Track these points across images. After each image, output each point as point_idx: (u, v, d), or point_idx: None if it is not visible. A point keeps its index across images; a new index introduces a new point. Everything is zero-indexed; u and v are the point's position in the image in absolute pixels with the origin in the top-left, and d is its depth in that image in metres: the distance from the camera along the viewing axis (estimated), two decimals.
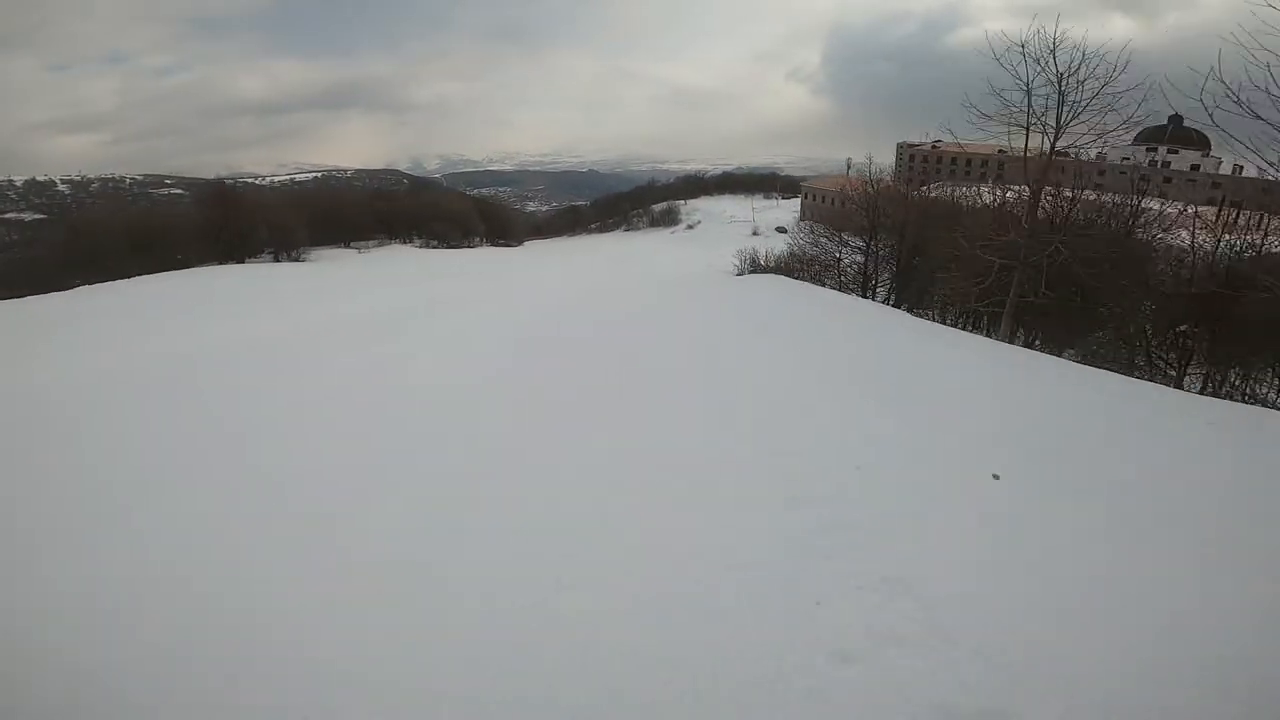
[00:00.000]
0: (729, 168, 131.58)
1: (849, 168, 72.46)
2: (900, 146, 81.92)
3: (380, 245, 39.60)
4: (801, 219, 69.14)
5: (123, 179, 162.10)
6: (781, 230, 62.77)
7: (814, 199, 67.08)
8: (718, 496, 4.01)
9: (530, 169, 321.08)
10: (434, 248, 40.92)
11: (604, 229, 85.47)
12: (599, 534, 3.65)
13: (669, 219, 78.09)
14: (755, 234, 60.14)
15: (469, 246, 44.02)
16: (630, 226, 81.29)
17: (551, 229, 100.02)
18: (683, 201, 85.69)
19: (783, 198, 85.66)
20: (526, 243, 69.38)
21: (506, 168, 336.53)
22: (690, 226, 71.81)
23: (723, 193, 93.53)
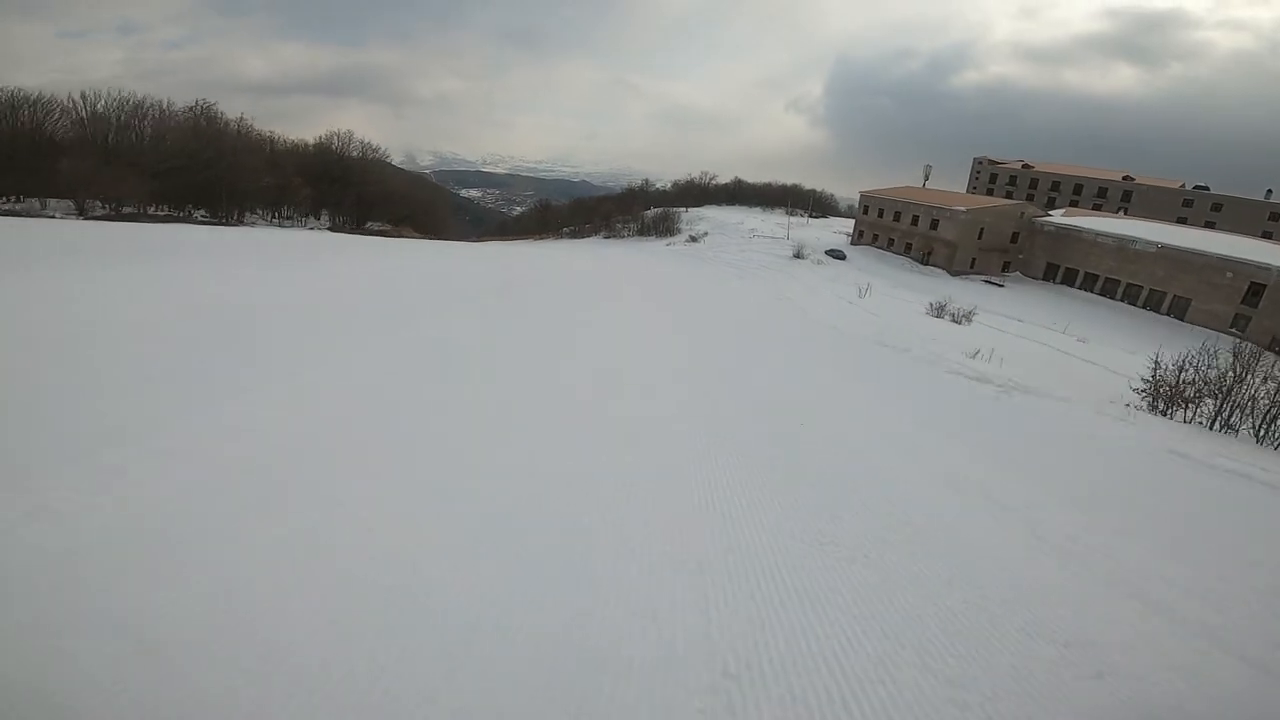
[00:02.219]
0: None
1: (926, 176, 53.44)
2: (978, 163, 63.73)
3: None
4: (856, 241, 49.56)
5: None
6: (837, 255, 42.94)
7: (876, 214, 47.34)
8: None
9: (522, 174, 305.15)
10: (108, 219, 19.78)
11: (578, 234, 65.21)
12: None
13: (664, 226, 57.83)
14: (798, 257, 40.16)
15: (231, 223, 22.95)
16: (612, 233, 61.02)
17: (518, 229, 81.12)
18: (683, 209, 65.82)
19: (811, 216, 66.30)
20: (471, 242, 49.48)
21: (499, 170, 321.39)
22: (694, 238, 51.47)
23: (734, 203, 74.21)
